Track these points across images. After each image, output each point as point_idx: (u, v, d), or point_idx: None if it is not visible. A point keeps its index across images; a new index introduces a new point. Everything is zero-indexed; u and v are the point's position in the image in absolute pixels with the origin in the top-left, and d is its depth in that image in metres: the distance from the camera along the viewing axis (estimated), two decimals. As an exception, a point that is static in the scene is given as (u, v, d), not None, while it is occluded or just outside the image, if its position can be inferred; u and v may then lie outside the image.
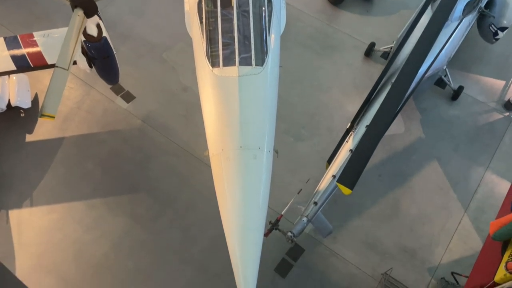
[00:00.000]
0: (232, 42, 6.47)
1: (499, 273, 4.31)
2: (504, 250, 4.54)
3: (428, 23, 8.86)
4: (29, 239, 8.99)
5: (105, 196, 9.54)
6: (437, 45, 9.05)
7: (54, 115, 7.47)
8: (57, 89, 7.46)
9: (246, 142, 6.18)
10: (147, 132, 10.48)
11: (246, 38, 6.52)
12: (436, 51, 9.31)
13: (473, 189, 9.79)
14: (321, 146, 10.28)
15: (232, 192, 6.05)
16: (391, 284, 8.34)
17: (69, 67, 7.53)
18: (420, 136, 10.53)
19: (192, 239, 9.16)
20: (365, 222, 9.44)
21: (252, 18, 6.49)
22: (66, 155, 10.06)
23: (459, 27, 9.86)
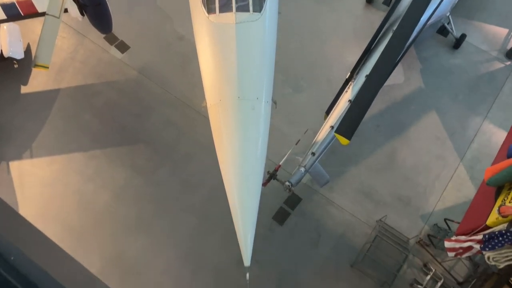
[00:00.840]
0: (228, -13, 6.22)
1: (491, 217, 4.44)
2: (497, 195, 4.65)
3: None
4: (32, 189, 9.13)
5: (104, 147, 9.59)
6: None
7: (48, 65, 7.34)
8: (49, 38, 7.28)
9: (244, 92, 6.12)
10: (143, 83, 10.34)
11: (243, -17, 6.27)
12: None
13: (470, 138, 9.85)
14: (319, 97, 10.19)
15: (231, 142, 6.08)
16: (385, 231, 8.62)
17: (60, 14, 7.31)
18: (419, 86, 10.43)
19: (192, 189, 9.33)
20: (362, 172, 9.59)
21: (249, -38, 6.20)
22: (63, 106, 9.98)
23: (464, -28, 9.46)
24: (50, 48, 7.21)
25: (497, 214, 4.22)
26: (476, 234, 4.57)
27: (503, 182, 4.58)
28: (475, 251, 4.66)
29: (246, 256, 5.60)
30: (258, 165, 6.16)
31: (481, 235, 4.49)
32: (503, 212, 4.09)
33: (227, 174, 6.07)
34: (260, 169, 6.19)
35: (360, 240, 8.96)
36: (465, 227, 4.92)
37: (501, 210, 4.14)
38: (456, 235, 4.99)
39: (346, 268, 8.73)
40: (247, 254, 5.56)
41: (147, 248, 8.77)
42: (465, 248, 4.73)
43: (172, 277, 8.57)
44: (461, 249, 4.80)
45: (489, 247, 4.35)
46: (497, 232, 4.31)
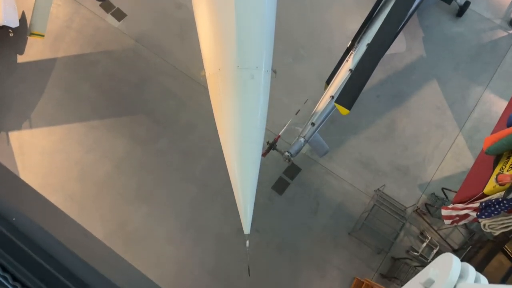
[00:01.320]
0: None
1: (488, 185, 4.48)
2: (496, 164, 4.68)
3: None
4: (32, 160, 9.18)
5: (104, 118, 9.56)
6: (446, -45, 8.47)
7: (43, 33, 7.23)
8: (43, 5, 7.15)
9: (243, 61, 6.04)
10: (141, 52, 10.19)
11: None
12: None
13: (470, 108, 9.82)
14: (320, 66, 10.09)
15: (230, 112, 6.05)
16: (383, 200, 8.74)
17: (54, -19, 7.12)
18: (421, 55, 10.29)
19: (192, 159, 9.38)
20: (361, 142, 9.61)
21: None
22: (60, 76, 9.88)
23: None
24: (45, 16, 7.08)
25: (495, 183, 4.26)
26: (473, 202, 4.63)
27: (501, 151, 4.58)
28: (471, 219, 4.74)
29: (246, 225, 5.69)
30: (257, 134, 6.16)
31: (477, 203, 4.56)
32: (501, 181, 4.13)
33: (226, 144, 6.08)
34: (259, 139, 6.19)
35: (358, 209, 9.10)
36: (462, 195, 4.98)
37: (498, 179, 4.17)
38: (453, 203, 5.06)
39: (344, 236, 8.91)
40: (246, 222, 5.65)
41: (148, 217, 8.92)
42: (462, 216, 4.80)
43: (174, 244, 8.76)
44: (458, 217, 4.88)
45: (486, 214, 4.43)
46: (493, 200, 4.36)
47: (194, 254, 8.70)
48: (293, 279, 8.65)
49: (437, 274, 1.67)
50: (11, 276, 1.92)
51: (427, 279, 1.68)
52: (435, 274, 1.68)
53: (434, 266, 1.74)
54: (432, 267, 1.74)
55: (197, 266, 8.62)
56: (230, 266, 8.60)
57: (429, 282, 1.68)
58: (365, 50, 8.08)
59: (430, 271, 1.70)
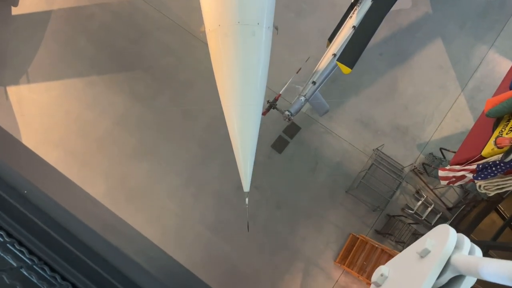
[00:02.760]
0: None
1: (487, 147, 4.50)
2: (495, 127, 4.67)
3: None
4: (32, 115, 9.16)
5: (102, 73, 9.43)
6: None
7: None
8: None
9: (244, 17, 5.88)
10: (138, 5, 9.88)
11: None
12: None
13: (474, 67, 9.67)
14: (323, 22, 9.82)
15: (230, 69, 5.97)
16: (381, 159, 8.82)
17: None
18: (427, 12, 9.99)
19: (192, 117, 9.36)
20: (362, 101, 9.56)
21: None
22: (56, 30, 9.63)
23: None
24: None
25: (493, 145, 4.28)
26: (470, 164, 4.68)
27: (502, 114, 4.56)
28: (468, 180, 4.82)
29: (246, 183, 5.78)
30: (258, 93, 6.11)
31: (475, 165, 4.61)
32: (499, 143, 4.14)
33: (226, 102, 6.05)
34: (260, 97, 6.15)
35: (357, 167, 9.21)
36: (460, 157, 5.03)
37: (497, 141, 4.19)
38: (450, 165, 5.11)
39: (342, 193, 9.08)
40: (246, 181, 5.74)
41: (149, 173, 9.04)
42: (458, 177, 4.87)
43: (175, 200, 8.95)
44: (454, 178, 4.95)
45: (482, 176, 4.49)
46: (491, 162, 4.41)
47: (194, 210, 8.91)
48: (291, 234, 8.92)
49: (434, 244, 1.74)
50: (27, 249, 1.98)
51: (424, 249, 1.75)
52: (431, 244, 1.74)
53: (431, 236, 1.80)
54: (429, 237, 1.80)
55: (198, 222, 8.85)
56: (229, 222, 8.84)
57: (425, 251, 1.75)
58: (370, 6, 7.85)
59: (427, 241, 1.77)
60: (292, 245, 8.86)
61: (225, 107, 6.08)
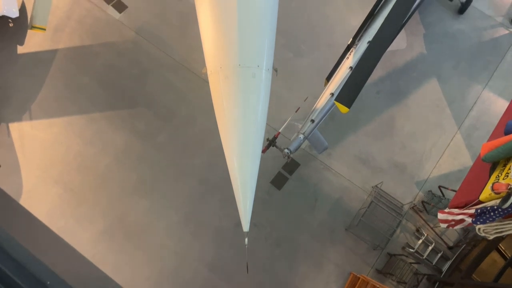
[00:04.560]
0: None
1: (484, 192, 4.55)
2: (492, 171, 4.75)
3: None
4: (33, 152, 9.21)
5: (104, 110, 9.58)
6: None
7: (45, 26, 7.20)
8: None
9: (244, 59, 6.06)
10: (141, 44, 10.16)
11: None
12: (448, -41, 8.69)
13: (469, 106, 9.87)
14: (320, 62, 10.09)
15: (231, 110, 6.09)
16: (380, 196, 8.83)
17: (55, -27, 7.06)
18: (422, 52, 10.30)
19: (192, 152, 9.43)
20: (360, 138, 9.67)
21: None
22: (61, 68, 9.85)
23: None
24: (46, 9, 7.05)
25: (490, 190, 4.34)
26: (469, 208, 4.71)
27: (498, 159, 4.65)
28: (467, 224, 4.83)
29: (245, 222, 5.76)
30: (258, 132, 6.21)
31: (473, 209, 4.64)
32: (496, 189, 4.20)
33: (227, 141, 6.13)
34: (260, 136, 6.24)
35: (356, 205, 9.20)
36: (458, 200, 5.07)
37: (494, 187, 4.25)
38: (449, 208, 5.14)
39: (341, 231, 9.02)
40: (246, 220, 5.72)
41: (148, 210, 9.00)
42: (458, 220, 4.89)
43: (173, 238, 8.86)
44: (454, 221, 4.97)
45: (481, 221, 4.51)
46: (489, 207, 4.45)
47: (193, 248, 8.81)
48: (290, 273, 8.78)
49: None
50: None
51: None
52: None
53: None
54: None
55: (196, 260, 8.73)
56: (228, 260, 8.73)
57: None
58: (366, 48, 8.10)
59: None
60: (291, 284, 8.71)
61: (226, 145, 6.16)
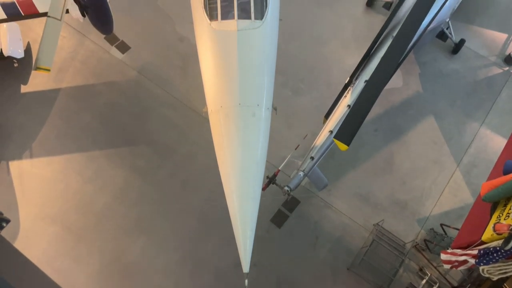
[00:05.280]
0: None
1: (486, 233, 4.52)
2: (493, 210, 4.74)
3: (434, -27, 8.51)
4: (32, 189, 9.18)
5: (104, 148, 9.62)
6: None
7: (50, 68, 7.34)
8: (50, 40, 7.27)
9: (245, 99, 6.18)
10: (143, 83, 10.36)
11: (245, -10, 6.30)
12: (441, 2, 9.03)
13: (467, 144, 9.95)
14: (319, 100, 10.26)
15: (231, 148, 6.14)
16: (382, 235, 8.72)
17: (61, 17, 7.29)
18: (418, 91, 10.50)
19: (192, 190, 9.40)
20: (360, 175, 9.67)
21: (251, -31, 6.23)
22: (63, 106, 10.00)
23: (465, -23, 9.50)
24: (51, 51, 7.20)
25: (492, 231, 4.31)
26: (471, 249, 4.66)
27: (498, 198, 4.66)
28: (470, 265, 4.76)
29: (245, 262, 5.67)
30: (258, 170, 6.22)
31: (476, 250, 4.59)
32: (498, 230, 4.18)
33: (227, 179, 6.13)
34: (259, 175, 6.25)
35: (358, 243, 9.07)
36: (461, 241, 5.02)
37: (496, 228, 4.23)
38: (452, 248, 5.09)
39: (343, 271, 8.84)
40: (246, 260, 5.63)
41: (146, 249, 8.85)
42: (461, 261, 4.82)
43: (171, 277, 8.66)
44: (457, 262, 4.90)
45: (484, 262, 4.45)
46: (491, 248, 4.41)
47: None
48: (291, 315, 8.53)
49: None
50: None
51: None
52: None
53: None
54: None
55: (194, 301, 8.50)
56: (227, 301, 8.50)
57: None
58: (363, 87, 8.27)
59: None
60: (293, 327, 8.44)
61: (225, 183, 6.15)
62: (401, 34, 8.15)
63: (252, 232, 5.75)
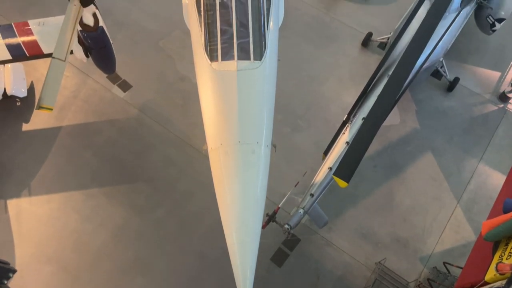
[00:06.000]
0: (230, 36, 6.44)
1: (489, 273, 4.46)
2: (495, 250, 4.69)
3: (426, 15, 8.84)
4: (29, 228, 9.07)
5: (103, 185, 9.60)
6: (434, 37, 9.05)
7: (52, 107, 7.45)
8: (54, 80, 7.41)
9: (244, 136, 6.23)
10: (144, 121, 10.49)
11: (244, 32, 6.50)
12: (434, 43, 9.33)
13: (466, 180, 9.96)
14: (317, 136, 10.36)
15: (231, 186, 6.12)
16: (384, 274, 8.55)
17: (66, 58, 7.46)
18: (415, 127, 10.63)
19: (191, 228, 9.29)
20: (360, 212, 9.61)
21: (250, 12, 6.46)
22: (63, 144, 10.06)
23: (456, 19, 9.86)
24: (55, 91, 7.32)
25: (495, 271, 4.25)
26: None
27: (500, 237, 4.63)
28: (475, 305, 4.66)
29: (245, 305, 5.52)
30: (257, 208, 6.17)
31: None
32: (501, 270, 4.12)
33: (226, 218, 6.07)
34: (259, 213, 6.20)
35: (360, 282, 8.87)
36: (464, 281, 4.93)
37: (498, 268, 4.17)
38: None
39: (346, 312, 8.60)
40: (246, 303, 5.48)
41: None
42: (466, 302, 4.73)
43: (168, 320, 8.41)
44: (462, 303, 4.80)
45: (488, 302, 4.37)
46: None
47: (189, 331, 8.32)
48: None
49: None
50: None
51: None
52: None
53: None
54: None
55: None
56: None
57: None
58: (361, 124, 8.38)
59: None
60: None
61: (225, 222, 6.09)
62: (397, 73, 8.38)
63: (252, 273, 5.63)
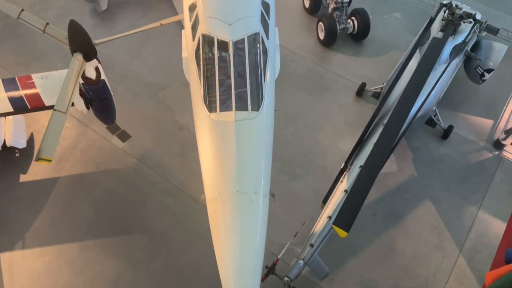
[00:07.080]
0: (228, 88, 6.63)
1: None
2: (501, 302, 4.56)
3: (417, 67, 9.20)
4: (21, 282, 8.79)
5: (99, 237, 9.43)
6: (426, 87, 9.36)
7: (51, 158, 7.48)
8: (55, 132, 7.50)
9: (242, 186, 6.23)
10: (142, 171, 10.50)
11: (242, 84, 6.70)
12: (426, 93, 9.62)
13: (467, 228, 9.84)
14: (315, 184, 10.35)
15: (229, 236, 6.04)
16: (389, 328, 8.21)
17: (67, 110, 7.61)
18: (412, 175, 10.66)
19: (187, 280, 9.01)
20: (361, 262, 9.39)
21: (248, 65, 6.70)
22: (60, 195, 9.99)
23: (447, 70, 10.23)
24: (55, 143, 7.39)
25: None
26: None
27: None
28: None
29: None
30: (256, 260, 6.05)
31: None
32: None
33: (224, 268, 5.94)
34: (258, 264, 6.07)
35: (363, 338, 8.49)
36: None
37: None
38: None
39: None
40: None
41: None
42: None
43: None
44: None
45: None
46: None
47: None
48: None
49: None
50: None
51: None
52: None
53: None
54: None
55: None
56: None
57: None
58: (359, 173, 8.43)
59: None
60: None
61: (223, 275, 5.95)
62: (392, 122, 8.58)
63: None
